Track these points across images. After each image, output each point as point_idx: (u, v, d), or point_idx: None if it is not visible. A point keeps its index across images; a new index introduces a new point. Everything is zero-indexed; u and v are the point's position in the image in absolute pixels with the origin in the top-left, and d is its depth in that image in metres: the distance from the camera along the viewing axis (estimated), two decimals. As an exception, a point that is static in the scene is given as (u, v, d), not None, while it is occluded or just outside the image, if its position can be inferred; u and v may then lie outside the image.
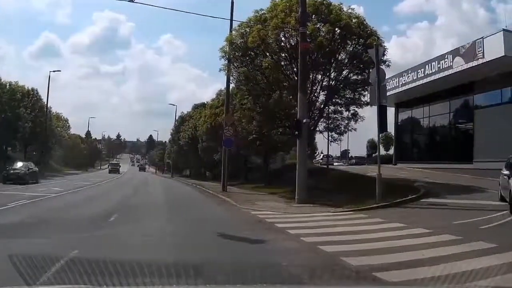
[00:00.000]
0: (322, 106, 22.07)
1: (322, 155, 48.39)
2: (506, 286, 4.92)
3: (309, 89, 19.43)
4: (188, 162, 58.83)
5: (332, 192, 18.08)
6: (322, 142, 57.04)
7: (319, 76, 21.20)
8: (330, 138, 24.93)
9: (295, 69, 19.41)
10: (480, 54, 23.40)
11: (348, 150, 58.68)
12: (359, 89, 21.79)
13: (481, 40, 23.60)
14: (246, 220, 11.99)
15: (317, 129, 22.87)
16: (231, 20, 22.95)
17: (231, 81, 24.03)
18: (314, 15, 19.71)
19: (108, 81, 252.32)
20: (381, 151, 24.45)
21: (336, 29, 19.71)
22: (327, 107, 22.48)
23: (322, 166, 37.60)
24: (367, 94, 20.48)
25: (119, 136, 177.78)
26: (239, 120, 25.15)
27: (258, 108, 22.48)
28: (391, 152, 42.58)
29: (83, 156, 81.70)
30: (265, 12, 20.64)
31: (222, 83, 60.52)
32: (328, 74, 21.06)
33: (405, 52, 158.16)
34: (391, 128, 36.24)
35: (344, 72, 21.16)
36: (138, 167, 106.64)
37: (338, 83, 21.38)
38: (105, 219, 10.99)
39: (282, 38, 20.26)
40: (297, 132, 16.53)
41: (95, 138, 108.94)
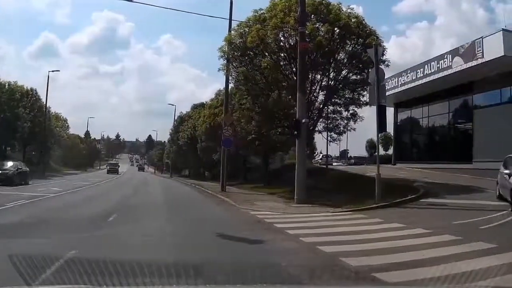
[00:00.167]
0: (321, 106, 22.04)
1: (321, 155, 48.44)
2: (506, 287, 4.92)
3: (308, 89, 19.42)
4: (187, 162, 58.78)
5: (331, 192, 18.04)
6: (321, 142, 57.09)
7: (318, 76, 21.22)
8: (329, 138, 24.92)
9: (294, 69, 19.39)
10: (479, 54, 23.39)
11: (347, 150, 58.83)
12: (358, 89, 21.77)
13: (480, 40, 23.58)
14: (245, 220, 11.98)
15: (316, 129, 22.84)
16: (230, 19, 22.99)
17: (230, 81, 24.02)
18: (313, 15, 19.72)
19: (108, 81, 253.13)
20: (380, 151, 24.39)
21: (335, 28, 19.71)
22: (326, 107, 22.46)
23: (321, 166, 37.66)
24: (366, 94, 20.50)
25: (118, 136, 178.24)
26: (238, 120, 25.11)
27: (257, 108, 22.45)
28: (390, 152, 42.62)
29: (82, 156, 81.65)
30: (264, 11, 20.62)
31: (221, 83, 60.73)
32: (327, 74, 21.04)
33: (404, 52, 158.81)
34: (390, 128, 36.39)
35: (343, 72, 21.14)
36: (137, 167, 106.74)
37: (337, 83, 21.37)
38: (104, 219, 10.99)
39: (281, 38, 20.25)
40: (296, 132, 16.51)
41: (94, 138, 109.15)
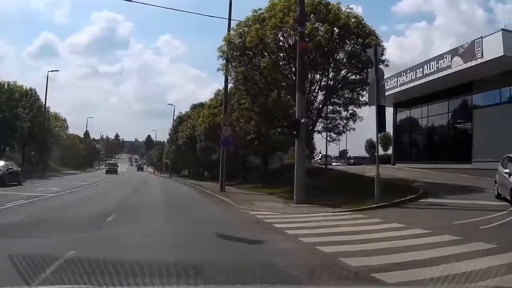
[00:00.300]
0: (321, 106, 22.04)
1: (320, 155, 48.43)
2: (506, 287, 4.92)
3: (307, 89, 19.41)
4: (186, 162, 58.72)
5: (331, 192, 18.01)
6: (320, 142, 57.26)
7: (318, 76, 21.20)
8: (328, 138, 24.90)
9: (293, 68, 19.37)
10: (479, 54, 23.37)
11: (347, 150, 58.88)
12: (357, 89, 21.78)
13: (480, 40, 23.55)
14: (245, 220, 11.98)
15: (315, 129, 22.85)
16: (229, 19, 22.98)
17: (229, 81, 23.95)
18: (313, 15, 19.73)
19: (107, 81, 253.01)
20: (379, 151, 24.39)
21: (335, 28, 19.71)
22: (325, 107, 22.47)
23: (321, 166, 37.64)
24: (365, 94, 20.50)
25: (117, 136, 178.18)
26: (237, 120, 25.12)
27: (256, 108, 22.44)
28: (389, 152, 42.62)
29: (82, 156, 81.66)
30: (263, 11, 20.61)
31: (220, 83, 60.68)
32: (326, 73, 21.04)
33: (403, 52, 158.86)
34: (389, 128, 36.33)
35: (343, 72, 21.14)
36: (136, 167, 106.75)
37: (337, 83, 21.37)
38: (104, 219, 10.98)
39: (281, 37, 20.24)
40: (295, 132, 16.49)
41: (94, 138, 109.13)
